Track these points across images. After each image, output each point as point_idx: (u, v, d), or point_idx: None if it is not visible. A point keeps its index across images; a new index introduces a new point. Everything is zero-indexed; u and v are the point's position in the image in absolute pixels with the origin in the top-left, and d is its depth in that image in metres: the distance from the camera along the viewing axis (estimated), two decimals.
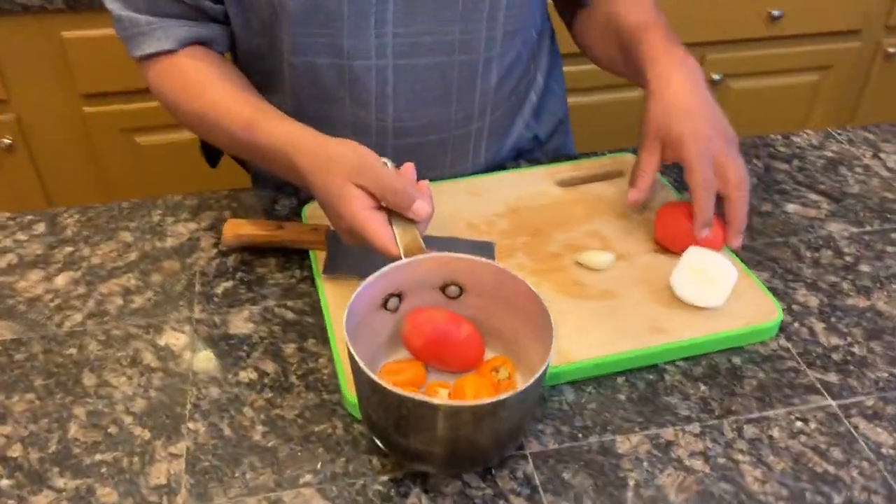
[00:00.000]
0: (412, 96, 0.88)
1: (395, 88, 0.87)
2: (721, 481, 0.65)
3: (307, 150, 0.74)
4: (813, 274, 0.85)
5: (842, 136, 1.08)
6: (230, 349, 0.76)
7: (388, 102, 0.89)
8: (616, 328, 0.75)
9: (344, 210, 0.71)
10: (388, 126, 0.90)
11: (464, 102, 0.91)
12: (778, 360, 0.75)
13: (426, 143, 0.93)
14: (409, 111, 0.89)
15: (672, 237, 0.83)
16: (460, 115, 0.92)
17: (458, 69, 0.88)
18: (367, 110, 0.89)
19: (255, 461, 0.66)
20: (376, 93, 0.87)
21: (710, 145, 0.78)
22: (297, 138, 0.76)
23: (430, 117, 0.90)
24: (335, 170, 0.72)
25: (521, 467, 0.66)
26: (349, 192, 0.71)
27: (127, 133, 1.73)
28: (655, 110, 0.81)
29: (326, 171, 0.72)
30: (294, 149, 0.75)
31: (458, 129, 0.93)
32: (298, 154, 0.75)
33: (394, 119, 0.90)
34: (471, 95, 0.91)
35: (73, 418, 0.70)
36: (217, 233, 0.91)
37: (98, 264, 0.87)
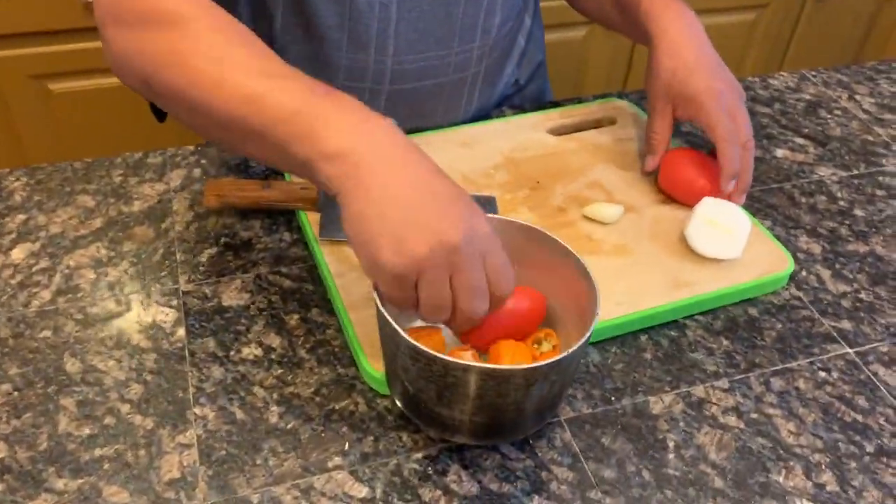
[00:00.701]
0: (415, 37, 0.82)
1: (398, 28, 0.81)
2: (757, 436, 0.64)
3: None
4: (812, 220, 0.85)
5: (816, 77, 1.08)
6: (227, 323, 0.70)
7: (389, 43, 0.82)
8: (637, 285, 0.72)
9: (476, 223, 0.53)
10: (387, 69, 0.83)
11: (465, 44, 0.86)
12: (792, 310, 0.75)
13: (422, 88, 0.87)
14: (410, 53, 0.83)
15: (678, 185, 0.81)
16: (459, 59, 0.86)
17: (463, 7, 0.82)
18: (366, 52, 0.82)
19: (276, 446, 0.61)
20: (377, 32, 0.80)
21: (724, 99, 0.78)
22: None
23: (429, 60, 0.85)
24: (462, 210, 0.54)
25: (558, 435, 0.63)
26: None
27: (38, 80, 1.57)
28: (664, 69, 0.80)
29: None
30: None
31: (456, 74, 0.88)
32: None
33: (393, 62, 0.83)
34: (472, 36, 0.86)
35: (61, 410, 0.63)
36: (190, 193, 0.83)
37: (58, 233, 0.78)
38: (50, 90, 1.60)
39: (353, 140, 0.54)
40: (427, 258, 0.52)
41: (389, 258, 0.52)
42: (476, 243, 0.53)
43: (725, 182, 0.77)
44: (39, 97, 1.59)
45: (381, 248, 0.52)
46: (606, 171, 0.85)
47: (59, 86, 1.60)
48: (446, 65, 0.86)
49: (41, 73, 1.57)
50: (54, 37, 1.53)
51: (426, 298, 0.54)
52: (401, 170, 0.55)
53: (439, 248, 0.52)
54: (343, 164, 0.54)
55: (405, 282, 0.53)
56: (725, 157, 0.76)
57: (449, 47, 0.85)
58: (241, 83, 0.57)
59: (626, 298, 0.71)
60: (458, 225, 0.53)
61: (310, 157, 0.55)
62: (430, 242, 0.52)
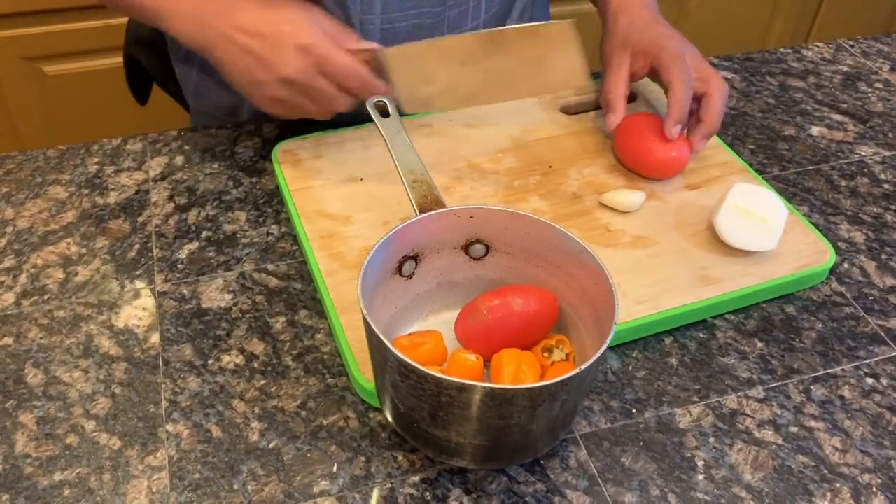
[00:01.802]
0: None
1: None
2: (798, 454, 0.57)
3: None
4: (853, 205, 0.77)
5: (854, 47, 0.99)
6: (206, 328, 0.63)
7: (376, 0, 0.74)
8: (660, 281, 0.65)
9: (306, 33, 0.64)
10: (375, 29, 0.76)
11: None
12: (834, 306, 0.67)
13: None
14: (400, 10, 0.76)
15: (632, 152, 0.75)
16: (454, 14, 0.79)
17: None
18: (351, 9, 0.74)
19: (255, 468, 0.55)
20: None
21: (685, 48, 0.74)
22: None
23: (422, 18, 0.77)
24: (273, 16, 0.66)
25: (572, 454, 0.56)
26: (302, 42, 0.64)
27: (31, 62, 1.51)
28: (622, 23, 0.78)
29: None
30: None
31: (452, 31, 0.80)
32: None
33: (382, 21, 0.75)
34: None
35: (19, 428, 0.57)
36: (171, 183, 0.76)
37: (26, 228, 0.71)
38: (44, 72, 1.54)
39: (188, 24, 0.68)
40: (279, 97, 0.67)
41: (260, 104, 0.69)
42: (305, 69, 0.65)
43: (670, 125, 0.72)
44: (34, 79, 1.54)
45: (251, 98, 0.69)
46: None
47: (53, 68, 1.54)
48: (440, 21, 0.78)
49: (35, 55, 1.51)
50: (48, 17, 1.47)
51: (305, 114, 0.70)
52: (227, 44, 0.67)
53: (284, 84, 0.66)
54: (193, 46, 0.69)
55: (283, 112, 0.69)
56: (675, 96, 0.71)
57: (443, 3, 0.77)
58: None
59: (649, 296, 0.64)
60: (284, 63, 0.65)
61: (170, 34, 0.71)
62: (273, 86, 0.66)
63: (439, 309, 0.61)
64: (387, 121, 0.64)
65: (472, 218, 0.58)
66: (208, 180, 0.76)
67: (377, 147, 0.76)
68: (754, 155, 0.82)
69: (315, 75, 0.66)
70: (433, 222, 0.57)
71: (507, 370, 0.55)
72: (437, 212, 0.57)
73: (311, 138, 0.78)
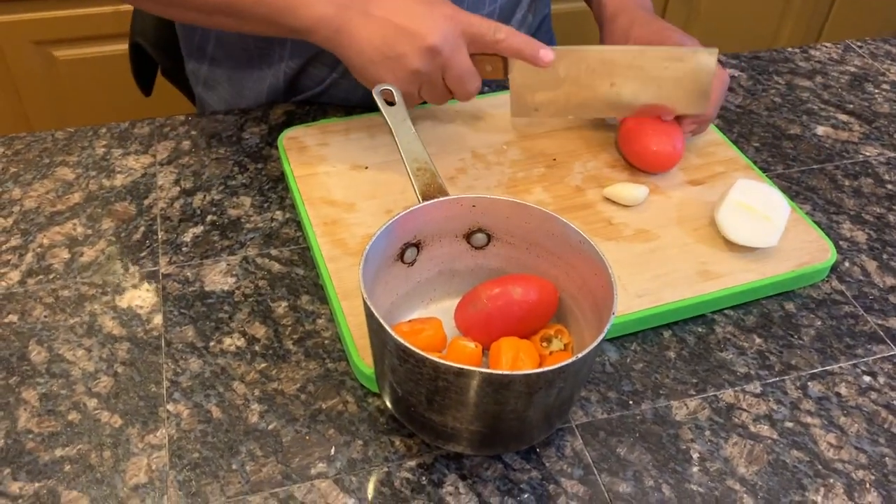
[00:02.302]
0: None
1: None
2: (792, 448, 0.57)
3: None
4: (856, 205, 0.77)
5: (862, 48, 0.99)
6: (209, 310, 0.64)
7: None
8: (661, 275, 0.65)
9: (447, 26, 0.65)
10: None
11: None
12: (833, 304, 0.67)
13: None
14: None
15: (630, 145, 0.75)
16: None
17: None
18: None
19: (254, 449, 0.55)
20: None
21: (685, 40, 0.74)
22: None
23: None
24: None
25: (568, 443, 0.57)
26: (447, 12, 0.66)
27: (42, 46, 1.52)
28: (621, 20, 0.79)
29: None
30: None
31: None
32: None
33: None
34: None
35: (22, 404, 0.57)
36: (177, 167, 0.77)
37: (34, 208, 0.72)
38: (54, 56, 1.54)
39: (325, 8, 0.67)
40: (420, 69, 0.67)
41: (395, 81, 0.68)
42: (450, 39, 0.66)
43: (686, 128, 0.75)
44: (44, 64, 1.54)
45: (383, 77, 0.68)
46: None
47: (63, 52, 1.54)
48: (458, 3, 0.78)
49: (45, 40, 1.51)
50: (59, 2, 1.47)
51: (429, 97, 0.71)
52: (367, 20, 0.67)
53: (426, 55, 0.66)
54: (325, 31, 0.68)
55: (412, 88, 0.69)
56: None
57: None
58: None
59: (649, 290, 0.64)
60: (433, 30, 0.66)
61: (295, 27, 0.69)
62: (415, 56, 0.66)
63: (440, 297, 0.62)
64: (392, 109, 0.65)
65: (475, 207, 0.58)
66: (214, 165, 0.77)
67: (382, 135, 0.77)
68: (759, 153, 0.82)
69: (460, 46, 0.67)
70: (436, 210, 0.58)
71: (505, 358, 0.55)
72: (440, 200, 0.58)
73: (316, 126, 0.78)
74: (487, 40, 0.68)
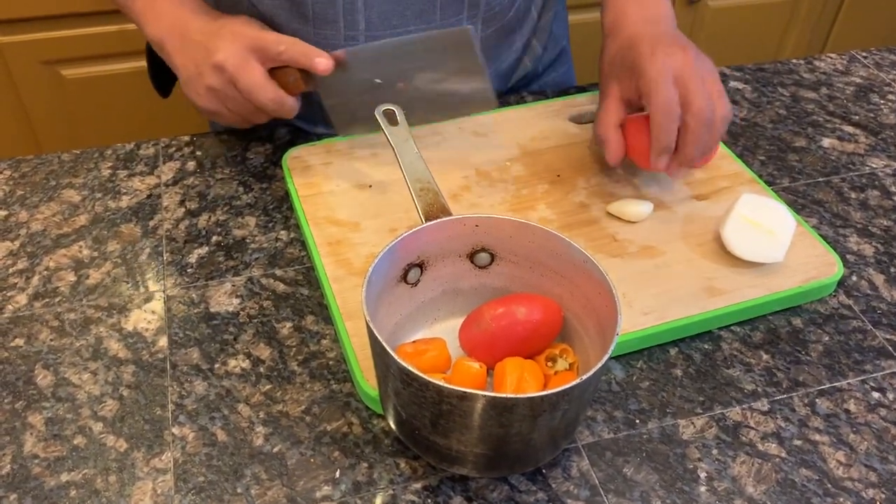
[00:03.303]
0: (388, 8, 0.75)
1: (367, 0, 0.74)
2: (801, 467, 0.57)
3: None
4: (863, 218, 0.76)
5: (867, 59, 0.99)
6: (214, 332, 0.64)
7: (360, 18, 0.75)
8: (666, 291, 0.65)
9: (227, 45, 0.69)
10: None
11: (449, 17, 0.78)
12: (841, 319, 0.67)
13: None
14: (386, 28, 0.76)
15: (633, 151, 0.72)
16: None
17: None
18: (335, 27, 0.75)
19: (259, 472, 0.55)
20: (344, 5, 0.74)
21: (671, 61, 0.67)
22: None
23: (409, 35, 0.77)
24: (222, 17, 0.72)
25: (574, 463, 0.56)
26: (236, 30, 0.70)
27: (50, 65, 1.53)
28: (609, 49, 0.74)
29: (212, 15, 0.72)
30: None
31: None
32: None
33: (367, 38, 0.76)
34: (458, 8, 0.77)
35: (28, 428, 0.57)
36: (182, 188, 0.77)
37: (40, 231, 0.72)
38: (62, 76, 1.55)
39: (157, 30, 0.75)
40: (213, 86, 0.71)
41: (198, 99, 0.73)
42: (236, 53, 0.69)
43: (655, 157, 0.68)
44: (52, 83, 1.55)
45: (192, 94, 0.74)
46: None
47: (71, 71, 1.56)
48: None
49: (53, 59, 1.53)
50: (66, 21, 1.48)
51: (239, 112, 0.73)
52: (182, 42, 0.73)
53: (215, 71, 0.70)
54: (160, 51, 0.76)
55: (217, 107, 0.73)
56: (656, 126, 0.66)
57: (430, 20, 0.77)
58: None
59: (654, 307, 0.64)
60: (219, 47, 0.70)
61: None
62: (209, 73, 0.70)
63: (444, 316, 0.62)
64: (395, 129, 0.65)
65: (478, 227, 0.58)
66: (219, 185, 0.77)
67: (386, 155, 0.77)
68: (764, 166, 0.82)
69: (246, 61, 0.70)
70: (439, 230, 0.58)
71: (510, 379, 0.55)
72: (443, 220, 0.58)
73: (320, 145, 0.78)
74: (272, 52, 0.70)
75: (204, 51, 0.70)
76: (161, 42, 0.74)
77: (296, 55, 0.70)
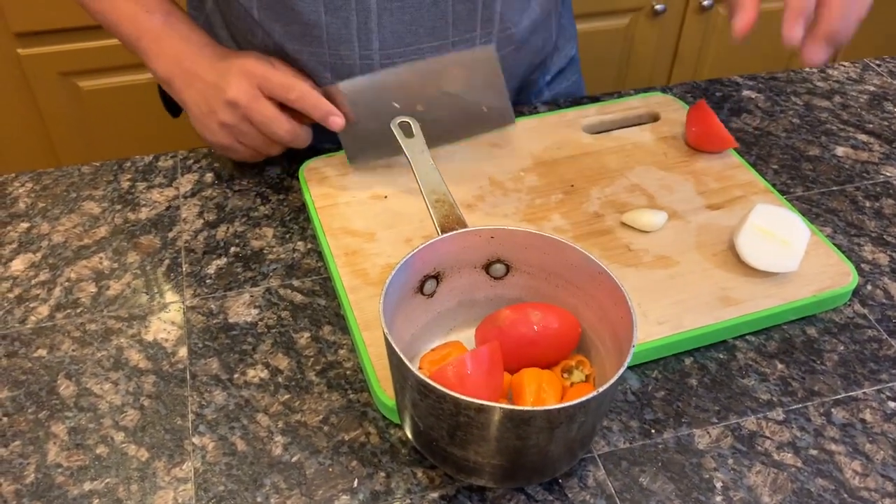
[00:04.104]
0: (401, 28, 0.75)
1: (381, 20, 0.74)
2: (817, 477, 0.57)
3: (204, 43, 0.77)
4: (878, 227, 0.76)
5: (881, 67, 0.99)
6: (233, 342, 0.65)
7: (373, 37, 0.75)
8: (681, 301, 0.65)
9: (240, 82, 0.71)
10: (375, 64, 0.77)
11: (462, 34, 0.78)
12: (856, 329, 0.67)
13: None
14: (399, 46, 0.77)
15: (704, 136, 0.78)
16: (458, 49, 0.79)
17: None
18: (349, 47, 0.76)
19: (278, 481, 0.56)
20: (358, 25, 0.74)
21: None
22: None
23: (422, 53, 0.77)
24: (230, 55, 0.74)
25: (590, 473, 0.57)
26: (246, 67, 0.72)
27: (68, 77, 1.55)
28: None
29: (221, 54, 0.74)
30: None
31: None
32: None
33: (381, 56, 0.77)
34: (470, 25, 0.78)
35: (51, 438, 0.58)
36: (200, 199, 0.78)
37: (61, 243, 0.74)
38: (80, 87, 1.57)
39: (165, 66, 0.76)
40: (227, 122, 0.73)
41: (212, 136, 0.76)
42: (247, 90, 0.72)
43: (789, 22, 0.58)
44: (69, 95, 1.57)
45: (205, 132, 0.76)
46: (648, 174, 0.78)
47: (89, 83, 1.57)
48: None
49: (71, 71, 1.55)
50: (84, 33, 1.50)
51: (253, 146, 0.76)
52: (191, 79, 0.75)
53: (228, 107, 0.73)
54: (168, 88, 0.77)
55: (230, 143, 0.76)
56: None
57: (444, 37, 0.78)
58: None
59: (669, 317, 0.64)
60: (230, 84, 0.72)
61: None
62: (221, 110, 0.73)
63: (460, 326, 0.62)
64: (410, 141, 0.65)
65: (493, 238, 0.59)
66: (237, 197, 0.78)
67: (401, 165, 0.77)
68: (778, 175, 0.82)
69: (257, 97, 0.72)
70: (454, 242, 0.58)
71: (528, 390, 0.55)
72: (459, 232, 0.58)
73: (336, 156, 0.79)
74: (281, 97, 0.73)
75: (215, 89, 0.73)
76: (169, 80, 0.76)
77: (308, 108, 0.73)
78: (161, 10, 0.77)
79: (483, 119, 0.78)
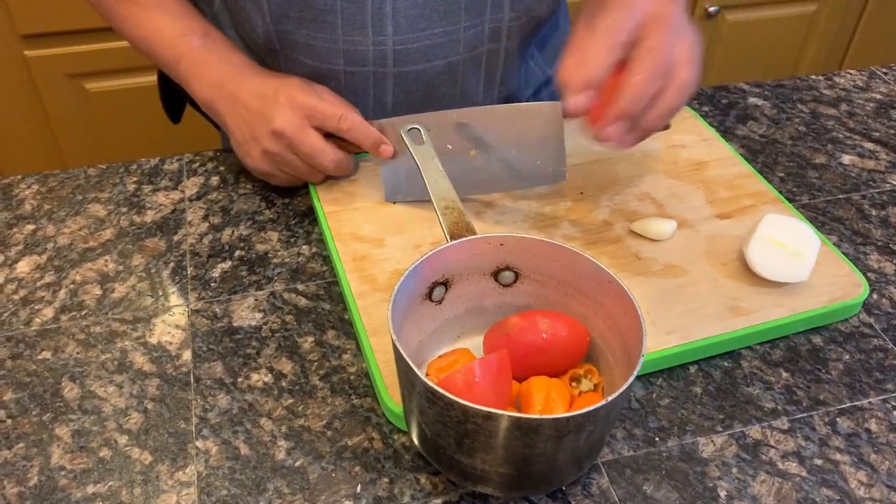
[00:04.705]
0: (415, 13, 0.75)
1: (395, 5, 0.74)
2: (822, 486, 0.57)
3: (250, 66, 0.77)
4: (884, 235, 0.76)
5: (888, 75, 0.99)
6: (237, 346, 0.65)
7: (388, 22, 0.75)
8: (690, 311, 0.65)
9: (286, 111, 0.71)
10: (388, 50, 0.77)
11: (473, 17, 0.77)
12: (862, 338, 0.67)
13: (432, 69, 0.79)
14: (412, 32, 0.76)
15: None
16: (469, 34, 0.79)
17: None
18: (363, 32, 0.76)
19: (281, 486, 0.56)
20: (373, 10, 0.74)
21: (640, 12, 0.60)
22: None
23: (435, 38, 0.77)
24: (273, 79, 0.74)
25: (594, 481, 0.57)
26: (293, 96, 0.72)
27: (74, 78, 1.56)
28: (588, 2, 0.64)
29: (265, 75, 0.75)
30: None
31: (467, 52, 0.80)
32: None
33: (395, 42, 0.77)
34: (481, 9, 0.77)
35: (55, 440, 0.58)
36: (206, 203, 0.78)
37: (66, 245, 0.74)
38: (86, 89, 1.58)
39: (208, 91, 0.76)
40: (270, 150, 0.73)
41: (255, 163, 0.76)
42: (294, 122, 0.72)
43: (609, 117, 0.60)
44: (76, 96, 1.58)
45: (248, 159, 0.76)
46: (657, 182, 0.78)
47: (95, 85, 1.58)
48: (455, 41, 0.78)
49: (77, 72, 1.55)
50: (91, 35, 1.51)
51: (293, 173, 0.76)
52: (234, 104, 0.75)
53: (273, 137, 0.72)
54: (210, 111, 0.78)
55: (271, 169, 0.75)
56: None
57: (456, 22, 0.77)
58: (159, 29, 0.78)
59: (678, 326, 0.64)
60: (276, 114, 0.72)
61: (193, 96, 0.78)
62: (266, 138, 0.73)
63: (468, 333, 0.62)
64: (420, 148, 0.65)
65: (502, 245, 0.59)
66: (242, 201, 0.78)
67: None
68: (783, 183, 0.82)
69: (304, 128, 0.72)
70: (463, 249, 0.58)
71: (537, 398, 0.55)
72: (468, 239, 0.58)
73: None
74: (331, 127, 0.73)
75: (260, 117, 0.72)
76: (211, 103, 0.76)
77: (359, 137, 0.73)
78: (198, 31, 0.76)
79: (535, 174, 0.75)
